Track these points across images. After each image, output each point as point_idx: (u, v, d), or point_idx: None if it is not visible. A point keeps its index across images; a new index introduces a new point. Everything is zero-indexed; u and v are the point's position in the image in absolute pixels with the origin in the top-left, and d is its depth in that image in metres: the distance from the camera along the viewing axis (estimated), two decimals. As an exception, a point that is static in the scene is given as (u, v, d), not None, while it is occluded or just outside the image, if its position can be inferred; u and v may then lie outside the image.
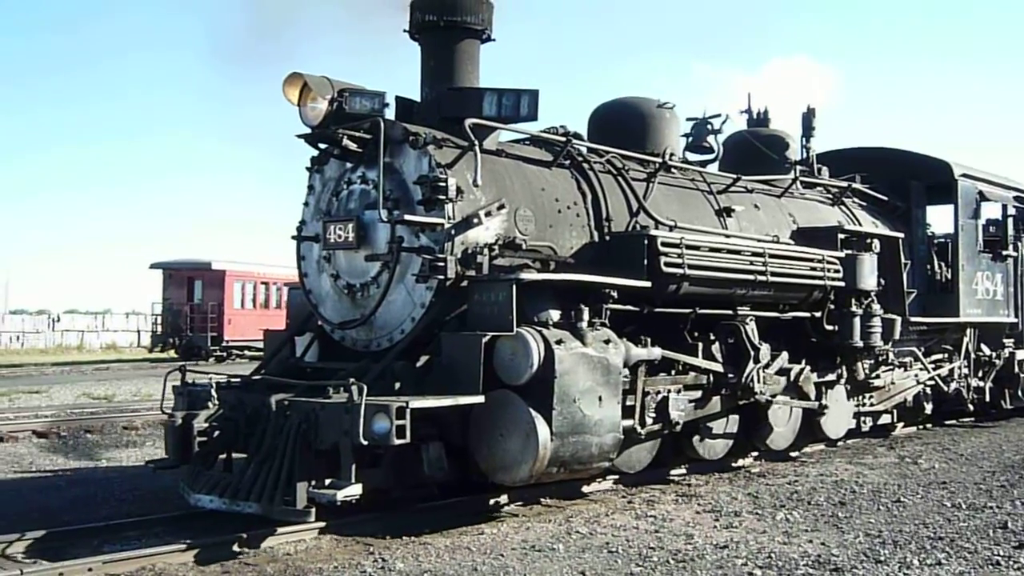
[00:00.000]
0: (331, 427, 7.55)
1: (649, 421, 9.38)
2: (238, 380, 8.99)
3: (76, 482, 10.85)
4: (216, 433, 8.17)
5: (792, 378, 11.06)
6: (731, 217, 11.17)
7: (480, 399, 7.91)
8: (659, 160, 10.63)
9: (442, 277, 8.31)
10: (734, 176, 11.62)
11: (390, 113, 9.21)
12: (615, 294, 8.90)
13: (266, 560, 7.27)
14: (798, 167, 13.12)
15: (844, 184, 13.65)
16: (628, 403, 9.15)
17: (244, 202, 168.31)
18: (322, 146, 9.18)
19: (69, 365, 36.22)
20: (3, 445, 13.62)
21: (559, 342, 8.11)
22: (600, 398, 8.35)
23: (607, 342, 8.53)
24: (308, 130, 8.83)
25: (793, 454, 12.02)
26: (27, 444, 13.82)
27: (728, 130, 13.05)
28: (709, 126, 12.34)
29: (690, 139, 12.35)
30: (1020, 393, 16.11)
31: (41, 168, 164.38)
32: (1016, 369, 15.91)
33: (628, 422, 9.05)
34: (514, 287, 8.12)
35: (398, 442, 7.35)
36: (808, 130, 14.11)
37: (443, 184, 8.34)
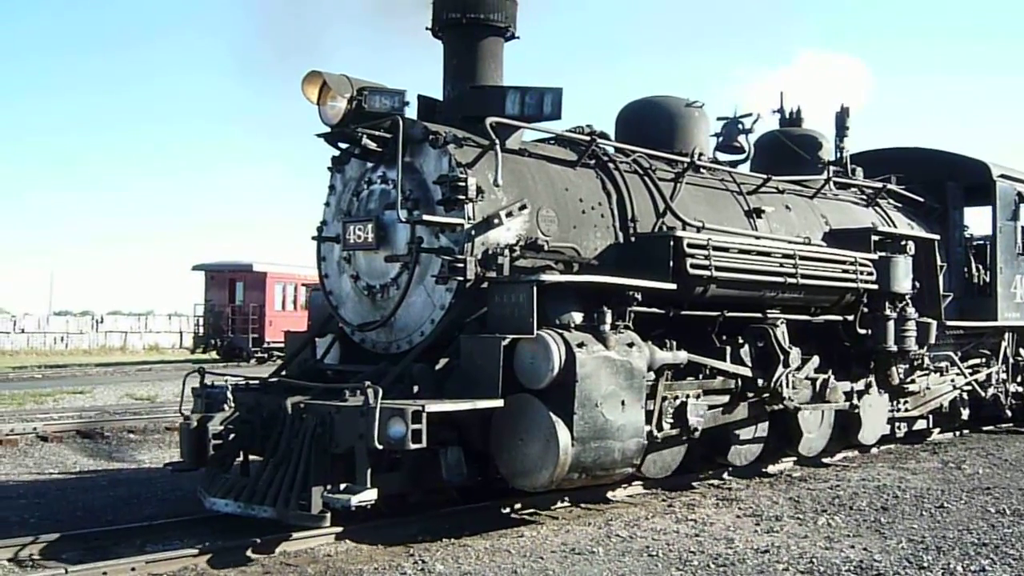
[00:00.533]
0: (346, 431, 7.44)
1: (667, 427, 9.11)
2: (256, 382, 8.89)
3: (119, 482, 10.90)
4: (231, 436, 8.09)
5: (817, 389, 10.80)
6: (761, 218, 10.94)
7: (499, 403, 7.75)
8: (687, 160, 10.41)
9: (461, 278, 8.16)
10: (764, 176, 11.40)
11: (412, 112, 9.10)
12: (639, 296, 8.70)
13: (307, 561, 7.26)
14: (831, 167, 12.85)
15: (879, 185, 13.37)
16: (647, 408, 8.98)
17: (288, 203, 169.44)
18: (344, 146, 9.06)
19: (112, 366, 36.40)
20: (48, 445, 13.74)
21: (580, 345, 7.94)
22: (623, 402, 8.17)
23: (631, 345, 8.35)
24: (327, 129, 8.71)
25: (826, 460, 11.80)
26: (71, 444, 13.93)
27: (760, 130, 12.87)
28: (740, 125, 12.12)
29: (720, 139, 12.14)
30: None
31: (83, 171, 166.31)
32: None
33: (646, 427, 8.85)
34: (535, 289, 7.96)
35: (414, 447, 7.21)
36: (842, 130, 13.79)
37: (463, 184, 8.19)
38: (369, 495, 7.29)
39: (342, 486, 7.44)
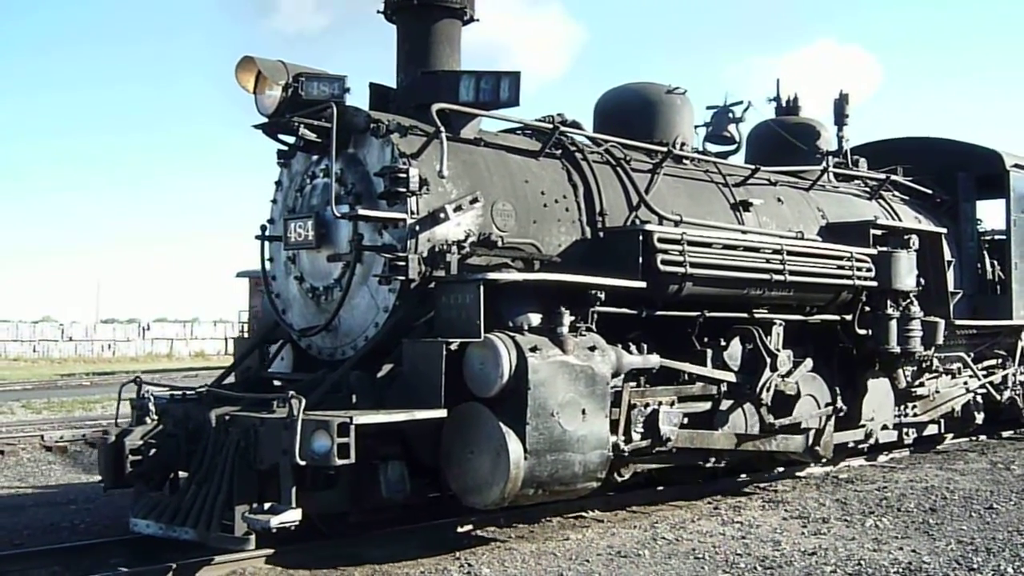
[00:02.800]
0: (270, 445, 6.81)
1: (636, 437, 8.38)
2: (193, 392, 8.26)
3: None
4: (152, 451, 7.45)
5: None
6: (749, 211, 10.21)
7: (440, 413, 7.09)
8: (665, 149, 9.69)
9: (403, 278, 7.51)
10: (753, 167, 10.65)
11: (363, 100, 8.54)
12: (602, 296, 8.01)
13: (354, 564, 7.16)
14: (830, 158, 12.07)
15: (882, 176, 12.51)
16: (612, 416, 8.22)
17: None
18: (289, 139, 8.44)
19: (159, 372, 36.20)
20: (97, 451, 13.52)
21: (534, 349, 7.26)
22: (584, 411, 7.48)
23: (592, 349, 7.66)
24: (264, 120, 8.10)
25: (871, 463, 11.55)
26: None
27: (755, 119, 12.18)
28: (730, 114, 11.42)
29: (710, 129, 11.44)
30: None
31: (130, 181, 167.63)
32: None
33: (612, 438, 8.11)
34: (481, 288, 7.29)
35: (340, 462, 6.58)
36: (841, 118, 12.78)
37: (403, 175, 7.53)
38: (291, 516, 6.64)
39: (267, 505, 6.80)
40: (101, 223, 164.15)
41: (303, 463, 6.56)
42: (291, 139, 8.42)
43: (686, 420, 8.80)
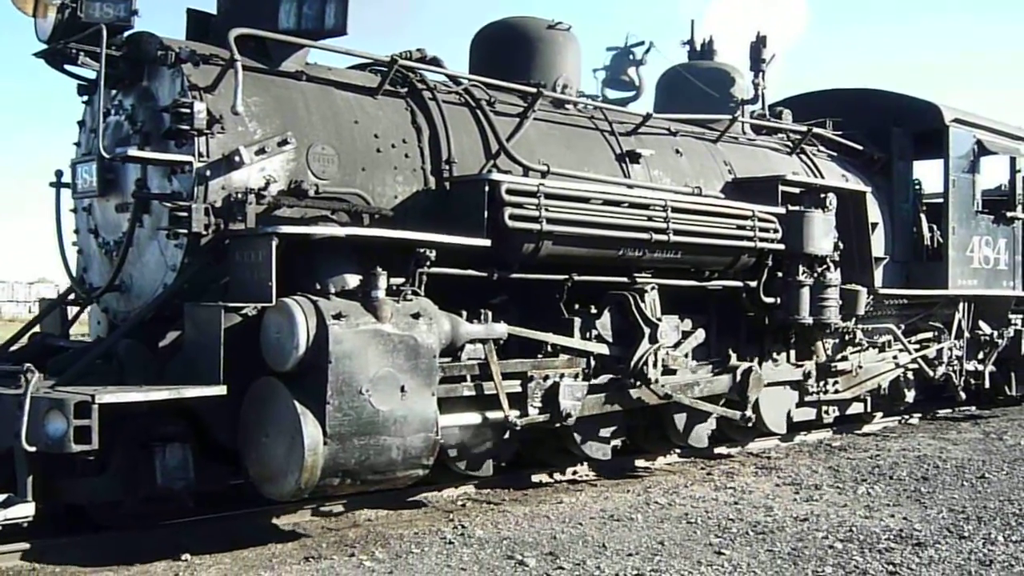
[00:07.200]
0: (5, 427, 5.75)
1: (533, 412, 7.63)
2: None
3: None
4: None
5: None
6: (638, 163, 9.11)
7: (216, 391, 6.04)
8: (536, 91, 8.56)
9: (186, 231, 6.42)
10: (644, 114, 9.52)
11: (178, 30, 7.41)
12: (433, 255, 6.94)
13: (348, 525, 7.13)
14: (745, 107, 10.94)
15: (803, 128, 11.30)
16: (487, 391, 7.40)
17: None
18: (81, 71, 7.33)
19: None
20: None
21: (338, 316, 6.20)
22: (403, 388, 6.43)
23: (416, 316, 6.59)
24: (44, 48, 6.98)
25: (866, 430, 11.65)
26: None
27: (663, 64, 11.07)
28: (631, 56, 10.30)
29: (608, 73, 10.33)
30: None
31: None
32: (1024, 350, 13.61)
33: (496, 414, 7.37)
34: (273, 243, 6.21)
35: (77, 448, 5.54)
36: (758, 63, 11.50)
37: (187, 111, 6.43)
38: (22, 511, 5.63)
39: (1, 497, 5.76)
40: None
41: (32, 449, 5.53)
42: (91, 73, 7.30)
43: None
